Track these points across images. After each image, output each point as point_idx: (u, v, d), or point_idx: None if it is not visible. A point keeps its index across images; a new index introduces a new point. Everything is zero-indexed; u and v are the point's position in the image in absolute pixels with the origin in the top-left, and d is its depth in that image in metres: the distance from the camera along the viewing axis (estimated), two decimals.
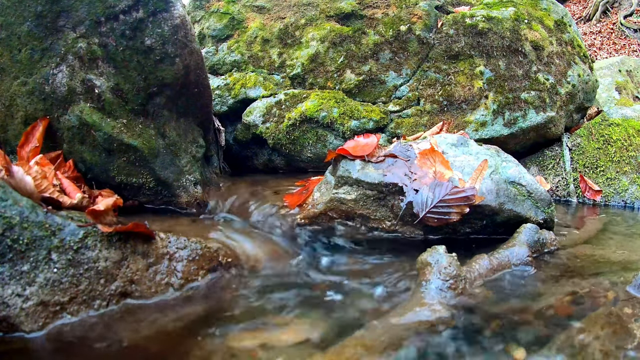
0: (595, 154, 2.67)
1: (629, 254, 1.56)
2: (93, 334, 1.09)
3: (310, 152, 2.47)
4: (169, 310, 1.22)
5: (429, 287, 1.24)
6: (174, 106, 1.83)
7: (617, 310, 1.01)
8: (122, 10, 1.67)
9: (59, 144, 1.73)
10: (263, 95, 2.59)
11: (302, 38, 2.68)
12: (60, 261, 1.17)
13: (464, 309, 1.17)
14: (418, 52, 2.57)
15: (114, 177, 1.75)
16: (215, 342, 1.05)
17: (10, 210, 1.15)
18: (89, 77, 1.67)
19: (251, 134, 2.57)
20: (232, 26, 2.83)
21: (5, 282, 1.10)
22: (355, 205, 1.66)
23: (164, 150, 1.81)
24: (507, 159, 1.75)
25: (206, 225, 1.73)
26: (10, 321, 1.08)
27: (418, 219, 1.60)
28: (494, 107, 2.45)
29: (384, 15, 2.66)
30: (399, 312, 1.14)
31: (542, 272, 1.41)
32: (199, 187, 1.91)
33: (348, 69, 2.57)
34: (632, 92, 4.13)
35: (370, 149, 1.71)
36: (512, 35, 2.54)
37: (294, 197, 1.85)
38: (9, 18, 1.69)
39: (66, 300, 1.15)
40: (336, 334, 1.07)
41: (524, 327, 1.07)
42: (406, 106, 2.52)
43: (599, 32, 11.04)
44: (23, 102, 1.70)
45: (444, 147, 1.76)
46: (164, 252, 1.34)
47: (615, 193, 2.56)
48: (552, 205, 1.69)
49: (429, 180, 1.61)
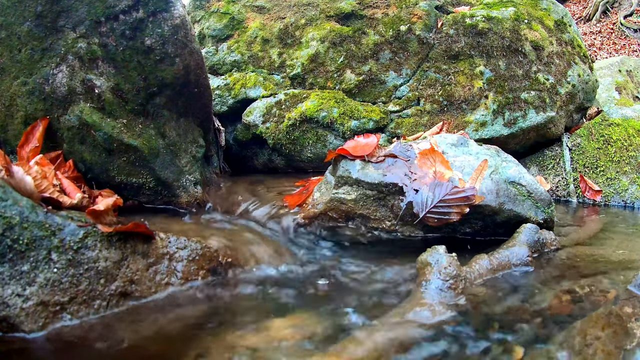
0: (595, 154, 2.67)
1: (629, 254, 1.56)
2: (93, 334, 1.09)
3: (310, 152, 2.47)
4: (169, 310, 1.22)
5: (429, 287, 1.24)
6: (174, 106, 1.83)
7: (618, 310, 1.01)
8: (122, 10, 1.67)
9: (59, 144, 1.73)
10: (263, 95, 2.59)
11: (302, 38, 2.68)
12: (60, 261, 1.17)
13: (464, 309, 1.17)
14: (418, 52, 2.57)
15: (114, 177, 1.75)
16: (216, 342, 1.05)
17: (10, 210, 1.15)
18: (89, 77, 1.67)
19: (251, 134, 2.57)
20: (232, 26, 2.83)
21: (5, 282, 1.10)
22: (355, 205, 1.66)
23: (164, 150, 1.81)
24: (507, 159, 1.75)
25: (206, 225, 1.73)
26: (10, 321, 1.08)
27: (418, 219, 1.60)
28: (494, 107, 2.45)
29: (384, 15, 2.66)
30: (399, 312, 1.14)
31: (542, 272, 1.41)
32: (199, 187, 1.91)
33: (348, 69, 2.57)
34: (632, 92, 4.13)
35: (370, 149, 1.71)
36: (512, 35, 2.54)
37: (294, 197, 1.85)
38: (9, 18, 1.69)
39: (66, 300, 1.15)
40: (336, 333, 1.07)
41: (524, 327, 1.07)
42: (406, 106, 2.52)
43: (599, 32, 11.03)
44: (23, 102, 1.70)
45: (444, 147, 1.76)
46: (164, 252, 1.34)
47: (615, 193, 2.56)
48: (552, 205, 1.69)
49: (429, 180, 1.61)
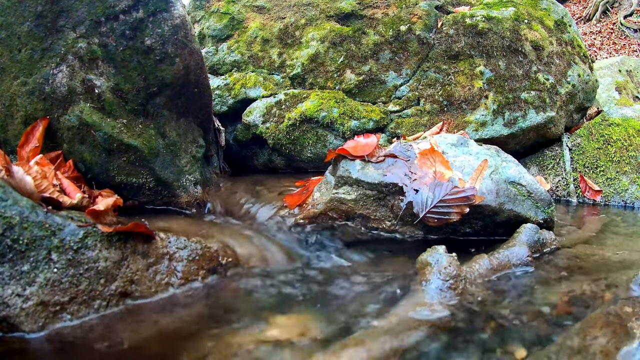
0: (595, 154, 2.67)
1: (629, 254, 1.56)
2: (93, 334, 1.09)
3: (310, 152, 2.47)
4: (169, 310, 1.22)
5: (429, 287, 1.24)
6: (174, 106, 1.83)
7: (617, 310, 1.01)
8: (122, 10, 1.67)
9: (59, 144, 1.73)
10: (263, 95, 2.59)
11: (302, 38, 2.68)
12: (60, 261, 1.17)
13: (464, 309, 1.17)
14: (418, 52, 2.57)
15: (114, 177, 1.75)
16: (216, 341, 1.05)
17: (10, 210, 1.15)
18: (89, 77, 1.67)
19: (251, 134, 2.57)
20: (232, 26, 2.83)
21: (5, 282, 1.10)
22: (355, 205, 1.66)
23: (164, 150, 1.81)
24: (507, 159, 1.75)
25: (206, 225, 1.73)
26: (10, 321, 1.08)
27: (418, 219, 1.60)
28: (494, 107, 2.45)
29: (384, 15, 2.66)
30: (399, 312, 1.14)
31: (542, 272, 1.41)
32: (199, 187, 1.91)
33: (348, 69, 2.57)
34: (632, 92, 4.13)
35: (370, 149, 1.71)
36: (512, 35, 2.54)
37: (294, 197, 1.85)
38: (9, 18, 1.69)
39: (66, 300, 1.15)
40: (336, 333, 1.07)
41: (525, 327, 1.07)
42: (406, 106, 2.52)
43: (599, 32, 11.03)
44: (23, 102, 1.70)
45: (444, 147, 1.76)
46: (164, 252, 1.34)
47: (615, 193, 2.56)
48: (552, 205, 1.69)
49: (429, 180, 1.61)
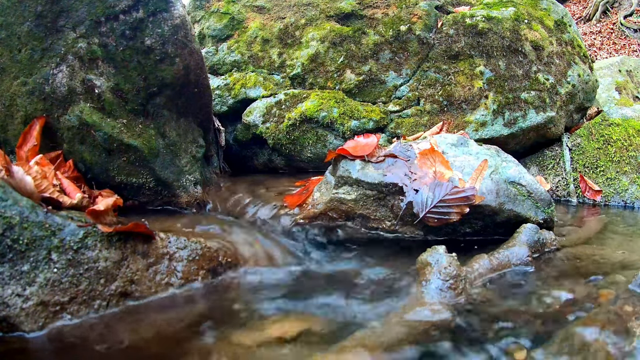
0: (595, 154, 2.67)
1: (629, 254, 1.56)
2: (93, 334, 1.09)
3: (310, 152, 2.47)
4: (169, 310, 1.22)
5: (429, 287, 1.24)
6: (174, 106, 1.83)
7: (617, 310, 1.01)
8: (122, 10, 1.67)
9: (59, 144, 1.73)
10: (263, 95, 2.59)
11: (302, 38, 2.68)
12: (60, 261, 1.17)
13: (464, 309, 1.17)
14: (418, 52, 2.57)
15: (114, 177, 1.75)
16: (216, 341, 1.05)
17: (10, 210, 1.15)
18: (89, 77, 1.67)
19: (251, 134, 2.57)
20: (232, 26, 2.83)
21: (5, 282, 1.10)
22: (355, 205, 1.66)
23: (164, 150, 1.81)
24: (507, 159, 1.75)
25: (206, 225, 1.73)
26: (10, 321, 1.08)
27: (418, 219, 1.60)
28: (494, 107, 2.45)
29: (384, 15, 2.66)
30: (399, 312, 1.14)
31: (542, 272, 1.41)
32: (199, 187, 1.91)
33: (348, 69, 2.57)
34: (632, 92, 4.13)
35: (370, 149, 1.71)
36: (512, 35, 2.54)
37: (294, 197, 1.85)
38: (9, 18, 1.69)
39: (66, 300, 1.15)
40: (336, 333, 1.07)
41: (525, 327, 1.07)
42: (406, 106, 2.52)
43: (599, 32, 11.03)
44: (23, 102, 1.70)
45: (444, 147, 1.76)
46: (164, 252, 1.34)
47: (615, 193, 2.56)
48: (552, 205, 1.69)
49: (429, 180, 1.61)
